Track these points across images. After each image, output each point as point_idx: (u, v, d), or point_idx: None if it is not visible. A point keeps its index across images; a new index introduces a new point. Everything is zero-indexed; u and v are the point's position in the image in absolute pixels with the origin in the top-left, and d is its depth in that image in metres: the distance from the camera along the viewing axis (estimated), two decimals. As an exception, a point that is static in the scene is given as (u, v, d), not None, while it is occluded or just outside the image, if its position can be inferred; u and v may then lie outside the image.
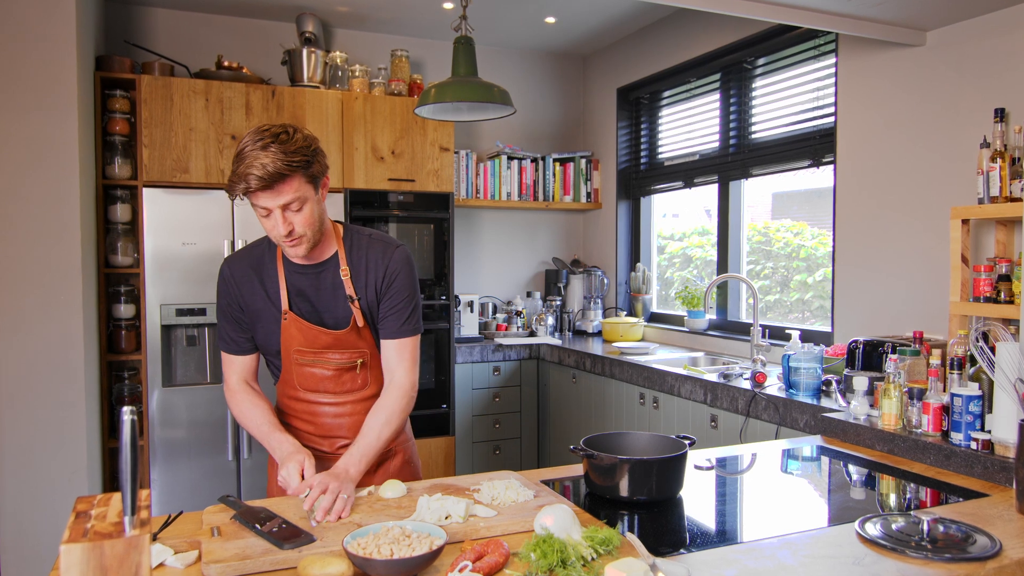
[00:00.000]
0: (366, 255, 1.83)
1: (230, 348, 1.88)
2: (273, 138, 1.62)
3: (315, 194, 1.70)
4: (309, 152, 1.66)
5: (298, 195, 1.65)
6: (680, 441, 1.76)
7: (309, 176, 1.67)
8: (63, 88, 3.01)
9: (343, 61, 4.09)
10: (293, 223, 1.68)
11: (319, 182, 1.71)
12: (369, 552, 1.24)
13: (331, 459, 1.87)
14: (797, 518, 1.66)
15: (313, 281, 1.82)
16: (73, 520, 0.99)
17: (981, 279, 2.38)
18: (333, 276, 1.82)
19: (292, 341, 1.82)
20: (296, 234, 1.69)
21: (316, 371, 1.84)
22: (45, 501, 3.04)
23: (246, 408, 1.84)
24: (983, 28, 2.63)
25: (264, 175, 1.59)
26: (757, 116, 3.71)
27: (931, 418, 2.00)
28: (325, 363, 1.83)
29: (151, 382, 3.48)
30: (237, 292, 1.83)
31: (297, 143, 1.64)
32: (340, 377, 1.86)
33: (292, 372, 1.86)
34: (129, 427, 1.00)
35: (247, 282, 1.83)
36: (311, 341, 1.81)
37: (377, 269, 1.82)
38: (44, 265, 3.01)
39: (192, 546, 1.38)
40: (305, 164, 1.64)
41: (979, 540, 1.40)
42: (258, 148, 1.60)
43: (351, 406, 1.89)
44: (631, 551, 1.33)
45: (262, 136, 1.62)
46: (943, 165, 2.77)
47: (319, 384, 1.86)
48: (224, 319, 1.87)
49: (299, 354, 1.83)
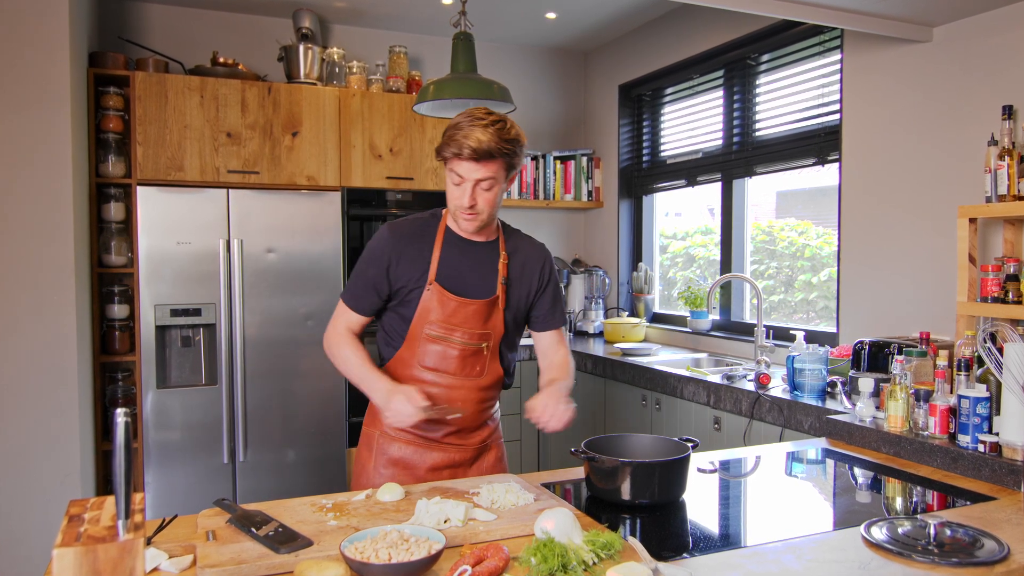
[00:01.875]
0: (525, 249, 2.02)
1: (353, 303, 1.98)
2: (495, 122, 1.81)
3: (504, 181, 1.87)
4: (518, 146, 1.85)
5: (494, 176, 1.82)
6: (683, 443, 1.75)
7: (509, 165, 1.85)
8: (56, 85, 3.01)
9: (340, 57, 4.09)
10: (478, 199, 1.84)
11: (512, 174, 1.89)
12: (367, 556, 1.24)
13: (436, 447, 1.96)
14: (802, 522, 1.66)
15: (473, 255, 1.95)
16: (66, 524, 0.99)
17: (989, 279, 2.38)
18: (493, 255, 1.97)
19: (428, 313, 1.90)
20: (477, 209, 1.85)
21: (442, 348, 1.92)
22: (37, 505, 3.04)
23: (350, 350, 1.95)
24: (991, 24, 2.63)
25: (478, 147, 1.77)
26: (761, 113, 3.71)
27: (938, 420, 2.00)
28: (452, 342, 1.91)
29: (145, 383, 3.48)
30: (392, 256, 1.93)
31: (512, 134, 1.83)
32: (464, 359, 1.93)
33: (416, 347, 1.93)
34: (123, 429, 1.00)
35: (405, 248, 1.93)
36: (448, 315, 1.90)
37: (535, 264, 2.02)
38: (36, 265, 3.01)
39: (187, 550, 1.38)
40: (511, 154, 1.83)
41: (987, 544, 1.40)
42: (478, 125, 1.79)
43: (465, 392, 1.94)
44: (633, 555, 1.33)
45: (486, 116, 1.81)
46: (950, 163, 2.77)
47: (442, 362, 1.93)
48: (362, 276, 1.96)
49: (432, 327, 1.91)
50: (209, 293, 3.57)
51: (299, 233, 3.72)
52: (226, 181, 3.66)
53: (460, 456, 1.98)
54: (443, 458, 1.96)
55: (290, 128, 3.78)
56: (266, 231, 3.66)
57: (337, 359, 1.96)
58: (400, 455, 1.96)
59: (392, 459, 1.96)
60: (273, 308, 3.67)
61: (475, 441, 2.00)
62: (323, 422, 3.78)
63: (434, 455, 1.95)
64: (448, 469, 1.97)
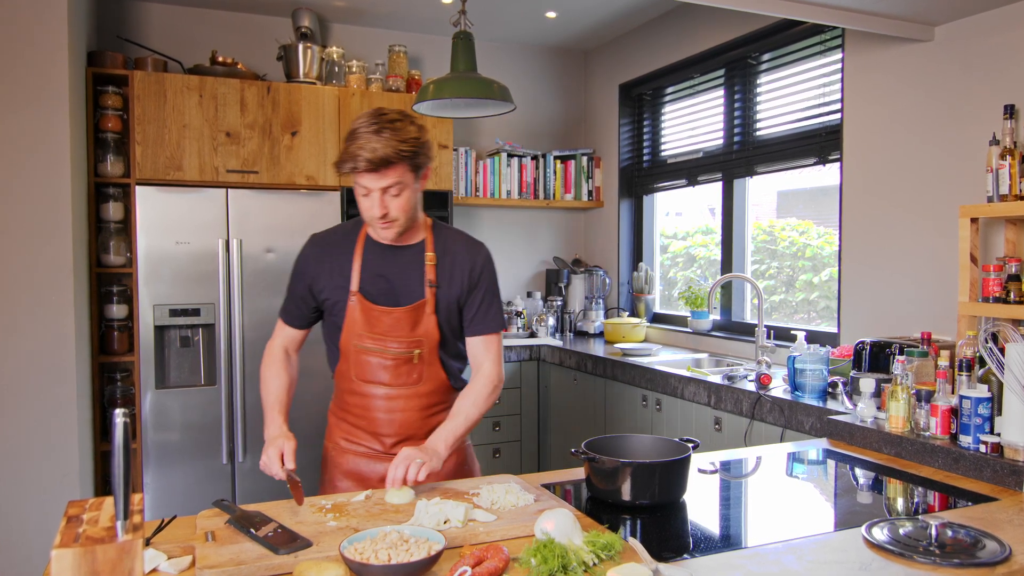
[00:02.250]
0: (454, 248, 1.95)
1: (284, 317, 2.02)
2: (389, 124, 1.74)
3: (414, 183, 1.83)
4: (418, 144, 1.78)
5: (399, 181, 1.77)
6: (683, 444, 1.75)
7: (413, 165, 1.79)
8: (54, 84, 3.01)
9: (340, 56, 4.09)
10: (389, 207, 1.79)
11: (421, 172, 1.83)
12: (366, 557, 1.24)
13: (386, 459, 1.93)
14: (802, 523, 1.66)
15: (396, 261, 1.92)
16: (64, 525, 0.99)
17: (990, 279, 2.38)
18: (417, 259, 1.92)
19: (355, 324, 1.89)
20: (390, 217, 1.81)
21: (373, 359, 1.90)
22: (36, 505, 3.04)
23: (272, 374, 1.97)
24: (992, 23, 2.63)
25: (373, 158, 1.72)
26: (762, 113, 3.71)
27: (939, 421, 2.00)
28: (383, 351, 1.89)
29: (144, 384, 3.48)
30: (312, 269, 1.94)
31: (410, 133, 1.76)
32: (397, 368, 1.91)
33: (350, 360, 1.92)
34: (122, 430, 1.00)
35: (324, 260, 1.93)
36: (373, 324, 1.88)
37: (464, 265, 1.93)
38: (35, 265, 3.01)
39: (186, 551, 1.38)
40: (412, 154, 1.77)
41: (988, 545, 1.40)
42: (372, 131, 1.73)
43: (404, 401, 1.93)
44: (633, 556, 1.33)
45: (379, 120, 1.75)
46: (951, 163, 2.77)
47: (375, 373, 1.91)
48: (291, 291, 1.99)
49: (359, 339, 1.90)
50: (208, 293, 3.57)
51: (298, 233, 3.71)
52: (225, 181, 3.66)
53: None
54: None
55: (289, 128, 3.78)
56: (265, 231, 3.66)
57: (263, 385, 1.98)
58: (353, 467, 1.97)
59: (345, 471, 1.98)
60: (272, 308, 3.65)
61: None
62: (322, 423, 3.73)
63: (385, 465, 1.88)
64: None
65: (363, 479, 1.96)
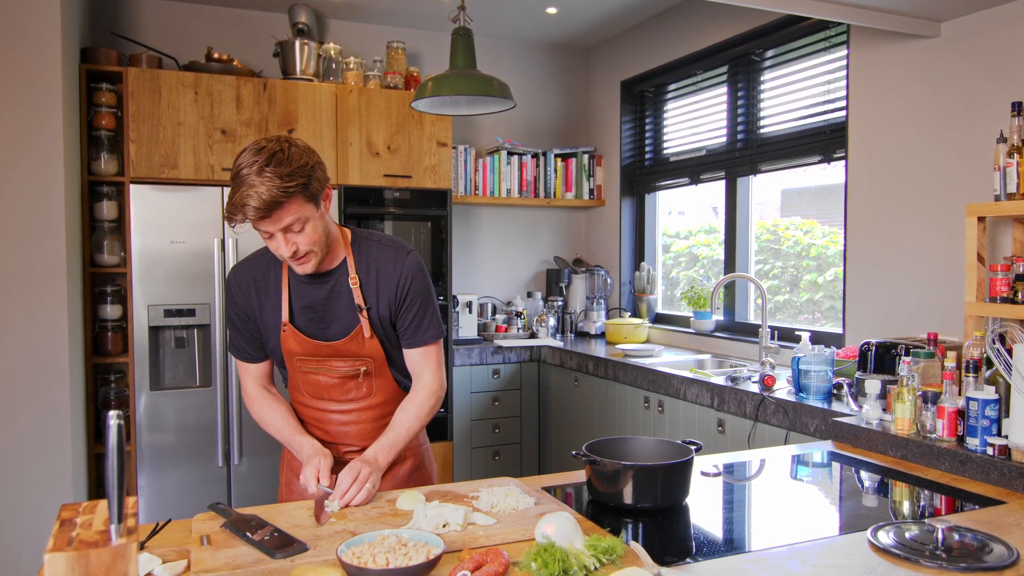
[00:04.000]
0: (377, 263, 1.84)
1: (241, 356, 1.94)
2: (268, 158, 1.60)
3: (316, 211, 1.70)
4: (306, 171, 1.64)
5: (298, 216, 1.65)
6: (686, 446, 1.76)
7: (308, 196, 1.66)
8: (47, 81, 3.01)
9: (337, 53, 4.09)
10: (297, 243, 1.69)
11: (319, 198, 1.71)
12: (364, 561, 1.24)
13: (341, 465, 1.89)
14: (807, 526, 1.66)
15: (320, 290, 1.83)
16: (57, 528, 0.99)
17: (998, 279, 2.38)
18: (341, 284, 1.83)
19: (294, 352, 1.86)
20: (300, 252, 1.71)
21: (321, 379, 1.88)
22: (28, 508, 3.04)
23: (266, 413, 1.91)
24: (1000, 19, 2.63)
25: (260, 205, 1.59)
26: (766, 110, 3.71)
27: (946, 423, 2.00)
28: (329, 371, 1.87)
29: (138, 385, 3.48)
30: (244, 302, 1.87)
31: (293, 162, 1.62)
32: (344, 385, 1.89)
33: (298, 379, 1.91)
34: (115, 432, 1.00)
35: (251, 293, 1.87)
36: (312, 352, 1.85)
37: (390, 279, 1.83)
38: (27, 264, 3.01)
39: (181, 555, 1.38)
40: (302, 187, 1.63)
41: (995, 549, 1.40)
42: (253, 172, 1.59)
43: (356, 414, 1.92)
44: (635, 560, 1.33)
45: (257, 158, 1.61)
46: (958, 161, 2.77)
47: (324, 391, 1.90)
48: (233, 328, 1.92)
49: (302, 362, 1.87)
50: (203, 293, 3.57)
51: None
52: (221, 179, 3.66)
53: None
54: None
55: (286, 125, 3.78)
56: (261, 230, 3.65)
57: (262, 425, 1.92)
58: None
59: (299, 473, 1.94)
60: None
61: None
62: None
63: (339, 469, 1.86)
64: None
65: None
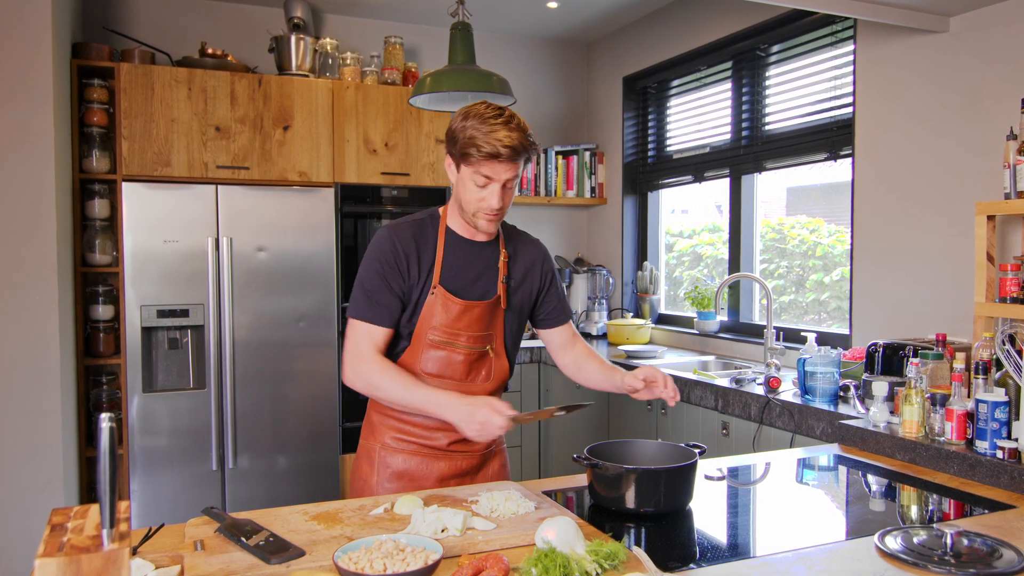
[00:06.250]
0: (525, 248, 2.02)
1: (374, 317, 1.86)
2: (511, 117, 1.78)
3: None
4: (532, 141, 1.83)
5: (517, 175, 1.82)
6: (690, 450, 1.76)
7: (526, 162, 1.85)
8: (37, 77, 3.01)
9: (333, 48, 4.09)
10: (504, 200, 1.82)
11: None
12: (361, 567, 1.24)
13: (443, 456, 1.94)
14: (813, 531, 1.66)
15: (472, 255, 1.93)
16: (48, 533, 0.99)
17: (1008, 279, 2.38)
18: (492, 256, 1.96)
19: (431, 318, 1.89)
20: (502, 211, 1.84)
21: (445, 354, 1.91)
22: (18, 513, 3.04)
23: (392, 374, 1.83)
24: (1010, 13, 2.63)
25: (517, 147, 1.74)
26: (771, 106, 3.71)
27: (955, 425, 2.00)
28: (456, 347, 1.91)
29: (131, 387, 3.49)
30: (401, 259, 1.87)
31: (527, 129, 1.80)
32: (470, 364, 1.93)
33: (419, 354, 1.90)
34: (108, 435, 1.00)
35: (412, 250, 1.90)
36: (451, 320, 1.88)
37: (535, 263, 2.02)
38: (17, 264, 3.01)
39: (174, 560, 1.38)
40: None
41: (1005, 554, 1.40)
42: (501, 123, 1.74)
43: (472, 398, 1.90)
44: (638, 566, 1.33)
45: (500, 112, 1.77)
46: (967, 158, 2.77)
47: (447, 368, 1.91)
48: (379, 284, 1.86)
49: (434, 331, 1.89)
50: (197, 293, 3.57)
51: (291, 231, 3.72)
52: (215, 177, 3.66)
53: (467, 464, 1.97)
54: (450, 467, 1.95)
55: (281, 122, 3.78)
56: (256, 229, 3.66)
57: (384, 390, 1.83)
58: (405, 467, 1.93)
59: (396, 472, 1.93)
60: (264, 309, 3.67)
61: (481, 447, 1.98)
62: (316, 427, 3.78)
63: (441, 465, 1.93)
64: (455, 478, 1.95)
65: (416, 479, 1.93)
